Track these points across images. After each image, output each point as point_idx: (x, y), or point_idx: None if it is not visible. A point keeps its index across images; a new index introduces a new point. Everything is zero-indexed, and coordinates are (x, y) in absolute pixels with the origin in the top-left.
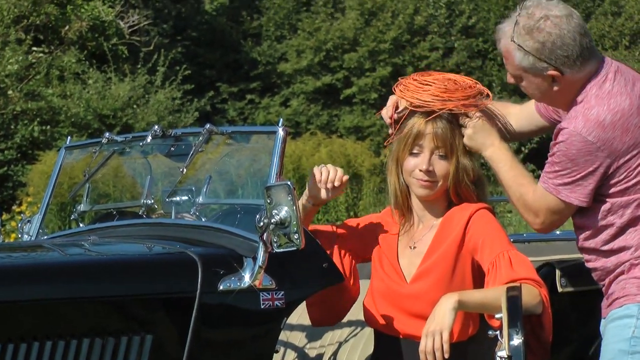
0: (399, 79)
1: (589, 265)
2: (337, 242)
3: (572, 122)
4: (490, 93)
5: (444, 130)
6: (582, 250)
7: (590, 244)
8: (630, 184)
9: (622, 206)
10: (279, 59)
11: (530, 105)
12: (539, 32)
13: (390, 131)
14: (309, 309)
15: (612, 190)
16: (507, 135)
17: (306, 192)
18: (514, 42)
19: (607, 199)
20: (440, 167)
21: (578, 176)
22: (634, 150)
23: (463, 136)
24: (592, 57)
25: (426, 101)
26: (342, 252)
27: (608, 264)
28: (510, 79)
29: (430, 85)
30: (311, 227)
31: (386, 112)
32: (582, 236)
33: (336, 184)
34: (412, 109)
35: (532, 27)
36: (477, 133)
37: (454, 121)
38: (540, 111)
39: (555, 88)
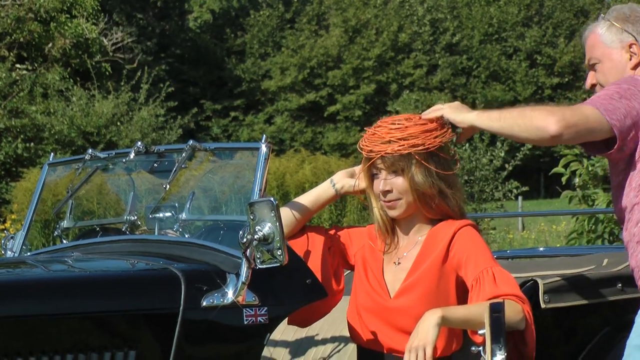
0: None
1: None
2: (327, 242)
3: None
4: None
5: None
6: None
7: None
8: None
9: None
10: (262, 76)
11: None
12: (624, 7)
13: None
14: None
15: None
16: None
17: (338, 177)
18: (606, 20)
19: None
20: (397, 183)
21: (619, 98)
22: None
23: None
24: None
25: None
26: (331, 251)
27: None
28: (590, 77)
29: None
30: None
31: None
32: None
33: None
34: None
35: (626, 15)
36: (453, 108)
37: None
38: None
39: (635, 60)
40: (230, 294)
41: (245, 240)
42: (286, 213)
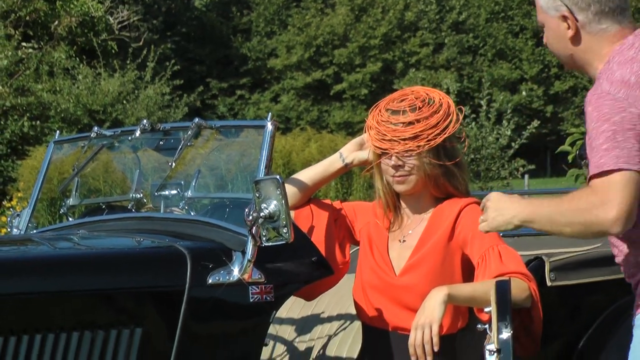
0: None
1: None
2: (332, 214)
3: (597, 88)
4: (459, 113)
5: None
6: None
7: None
8: None
9: None
10: (269, 55)
11: None
12: None
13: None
14: None
15: None
16: None
17: (348, 150)
18: None
19: None
20: (410, 160)
21: (619, 136)
22: None
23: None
24: (613, 18)
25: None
26: (337, 224)
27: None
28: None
29: (390, 132)
30: (310, 204)
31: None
32: None
33: None
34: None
35: None
36: (493, 217)
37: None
38: None
39: (570, 33)
40: (236, 272)
41: (251, 218)
42: (293, 184)
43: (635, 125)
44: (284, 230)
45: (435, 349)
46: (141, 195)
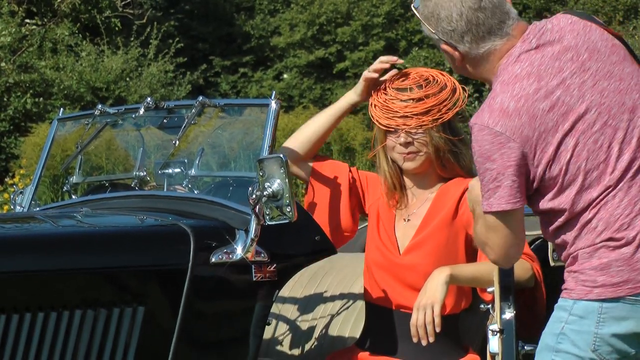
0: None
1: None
2: (351, 182)
3: (479, 116)
4: (462, 92)
5: None
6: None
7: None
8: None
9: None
10: (272, 33)
11: None
12: (430, 1)
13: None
14: None
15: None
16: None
17: (353, 93)
18: (414, 9)
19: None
20: (418, 137)
21: (500, 176)
22: (549, 137)
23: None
24: (493, 35)
25: (397, 125)
26: (353, 192)
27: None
28: None
29: (400, 108)
30: (329, 160)
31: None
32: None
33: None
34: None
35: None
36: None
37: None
38: None
39: (459, 63)
40: (239, 250)
41: (254, 196)
42: (308, 128)
43: (515, 160)
44: (288, 209)
45: (437, 329)
46: (144, 173)
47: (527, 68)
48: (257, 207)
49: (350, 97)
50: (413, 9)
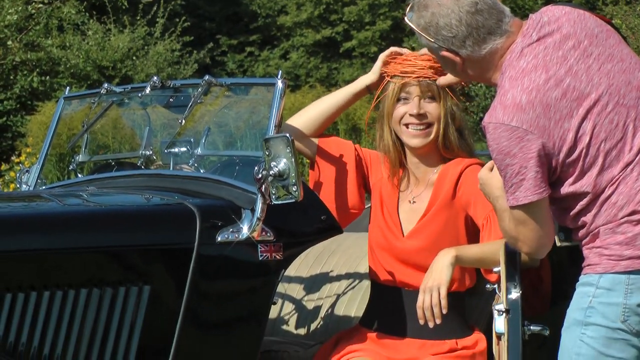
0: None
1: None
2: (357, 159)
3: (492, 115)
4: None
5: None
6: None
7: None
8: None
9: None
10: (278, 12)
11: None
12: (426, 10)
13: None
14: None
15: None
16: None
17: (370, 73)
18: (408, 21)
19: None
20: (432, 108)
21: (523, 169)
22: (565, 124)
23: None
24: (493, 35)
25: (415, 71)
26: (358, 170)
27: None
28: None
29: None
30: (334, 137)
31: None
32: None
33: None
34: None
35: (420, 5)
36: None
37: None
38: None
39: (460, 68)
40: (245, 230)
41: (260, 176)
42: (319, 105)
43: (535, 151)
44: (294, 189)
45: (444, 311)
46: (150, 152)
47: (533, 61)
48: (263, 186)
49: (367, 77)
50: (407, 21)
